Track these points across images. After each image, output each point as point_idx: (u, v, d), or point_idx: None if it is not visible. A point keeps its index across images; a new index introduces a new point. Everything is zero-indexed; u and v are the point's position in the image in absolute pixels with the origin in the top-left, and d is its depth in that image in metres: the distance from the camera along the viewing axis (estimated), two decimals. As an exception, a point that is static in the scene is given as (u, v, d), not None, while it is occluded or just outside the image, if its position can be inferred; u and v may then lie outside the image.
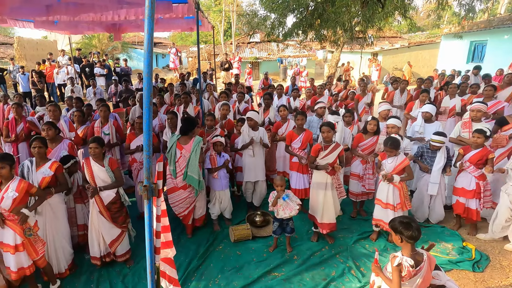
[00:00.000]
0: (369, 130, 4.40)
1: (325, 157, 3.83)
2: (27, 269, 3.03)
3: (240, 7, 29.32)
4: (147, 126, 1.88)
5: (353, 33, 10.44)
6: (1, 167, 2.85)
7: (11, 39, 24.07)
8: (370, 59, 19.92)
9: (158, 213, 2.17)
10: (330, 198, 3.89)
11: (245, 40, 25.56)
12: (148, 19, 1.75)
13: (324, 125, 3.86)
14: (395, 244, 3.82)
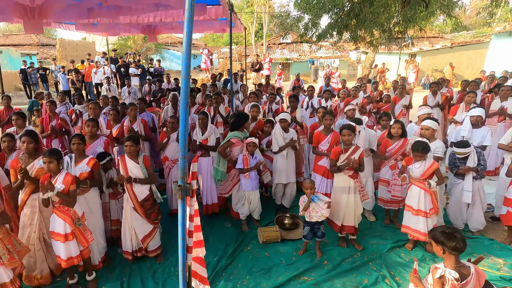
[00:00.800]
0: (393, 134, 4.27)
1: (344, 161, 3.76)
2: (76, 258, 3.20)
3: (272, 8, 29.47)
4: (183, 126, 1.91)
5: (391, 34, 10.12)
6: (50, 161, 3.05)
7: (53, 40, 25.85)
8: (407, 60, 19.20)
9: (191, 213, 2.22)
10: (352, 202, 3.84)
11: (276, 41, 25.63)
12: (187, 22, 1.78)
13: (344, 127, 3.80)
14: (434, 255, 3.69)
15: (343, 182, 3.83)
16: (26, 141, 3.33)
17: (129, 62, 14.07)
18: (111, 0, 4.37)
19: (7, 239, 2.97)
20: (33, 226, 3.35)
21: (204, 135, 4.55)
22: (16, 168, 3.31)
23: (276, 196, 4.80)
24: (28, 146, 3.34)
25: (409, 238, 3.95)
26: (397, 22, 9.60)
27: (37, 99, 8.89)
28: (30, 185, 3.30)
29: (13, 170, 3.33)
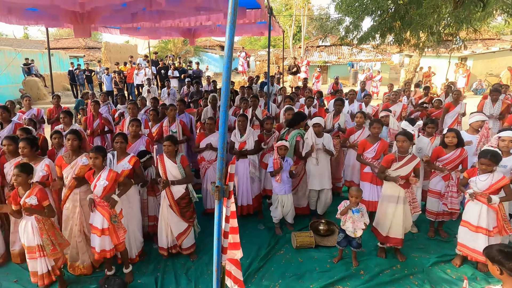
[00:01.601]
0: (448, 144, 4.03)
1: (399, 169, 3.63)
2: (108, 252, 3.42)
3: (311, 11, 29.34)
4: (223, 129, 1.96)
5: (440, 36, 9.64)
6: (96, 157, 3.29)
7: (99, 43, 27.69)
8: (457, 64, 18.16)
9: (227, 214, 2.27)
10: (400, 212, 3.68)
11: (314, 44, 25.47)
12: (229, 25, 1.82)
13: (400, 134, 3.67)
14: (487, 274, 3.47)
15: (392, 190, 3.71)
16: (71, 138, 3.57)
17: (168, 65, 14.71)
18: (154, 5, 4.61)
19: (51, 231, 3.24)
20: (75, 219, 3.61)
21: (243, 137, 4.65)
22: (60, 165, 3.59)
23: (309, 201, 4.78)
24: (72, 143, 3.58)
25: (456, 253, 3.74)
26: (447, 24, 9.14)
27: (83, 99, 9.59)
28: (73, 181, 3.55)
29: (58, 167, 3.62)
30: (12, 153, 3.82)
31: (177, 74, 13.50)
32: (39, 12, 5.45)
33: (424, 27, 8.50)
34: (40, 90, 15.25)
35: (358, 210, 3.59)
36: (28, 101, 6.65)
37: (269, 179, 4.68)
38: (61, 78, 17.45)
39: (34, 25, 7.06)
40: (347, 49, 23.40)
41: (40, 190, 3.16)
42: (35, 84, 15.18)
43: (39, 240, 3.19)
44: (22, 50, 18.02)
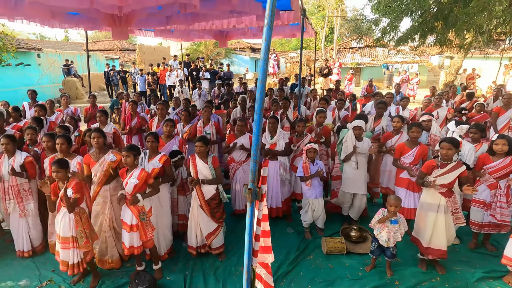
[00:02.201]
0: (496, 151, 3.80)
1: (440, 177, 3.48)
2: (136, 248, 3.54)
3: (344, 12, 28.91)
4: (257, 131, 1.97)
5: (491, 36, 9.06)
6: (127, 155, 3.43)
7: (134, 46, 28.91)
8: (506, 66, 17.10)
9: (259, 217, 2.28)
10: (442, 222, 3.51)
11: (347, 45, 25.07)
12: (267, 27, 1.82)
13: (446, 141, 3.49)
14: None
15: (431, 198, 3.57)
16: (96, 136, 3.73)
17: (200, 67, 15.07)
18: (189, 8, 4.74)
19: (86, 225, 3.42)
20: (105, 215, 3.78)
21: (273, 139, 4.67)
22: (88, 163, 3.77)
23: (342, 205, 4.71)
24: (98, 141, 3.74)
25: (509, 270, 3.50)
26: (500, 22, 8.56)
27: (118, 99, 10.05)
28: (103, 178, 3.72)
29: (86, 165, 3.79)
30: (50, 149, 4.08)
31: (208, 76, 13.80)
32: (79, 16, 5.78)
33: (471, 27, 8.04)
34: (78, 89, 16.17)
35: (397, 220, 3.46)
36: (66, 100, 7.05)
37: (299, 182, 4.67)
38: (98, 79, 18.39)
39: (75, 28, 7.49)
40: (381, 50, 22.80)
41: (76, 184, 3.34)
42: (74, 84, 16.13)
43: (74, 232, 3.37)
44: (63, 52, 19.20)
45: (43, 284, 3.65)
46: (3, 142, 3.85)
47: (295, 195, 4.96)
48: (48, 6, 4.07)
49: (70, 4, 3.86)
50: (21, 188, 3.96)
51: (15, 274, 3.81)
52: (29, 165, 3.97)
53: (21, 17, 5.33)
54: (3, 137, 3.88)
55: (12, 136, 4.03)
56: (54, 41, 32.38)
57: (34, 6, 3.89)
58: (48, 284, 3.65)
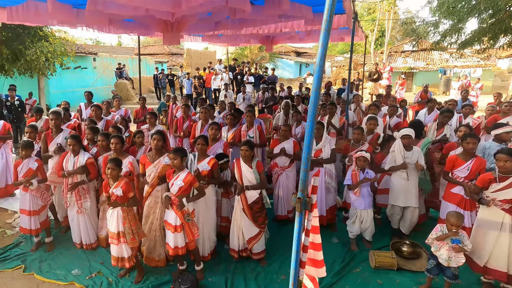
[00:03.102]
0: None
1: (500, 191, 3.23)
2: (181, 249, 3.67)
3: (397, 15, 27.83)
4: (308, 139, 1.95)
5: None
6: (174, 158, 3.58)
7: (181, 50, 30.28)
8: None
9: (308, 227, 2.26)
10: (505, 242, 3.25)
11: (398, 49, 24.10)
12: (324, 33, 1.82)
13: (503, 152, 3.25)
14: None
15: (493, 215, 3.33)
16: (156, 139, 3.94)
17: (245, 71, 15.38)
18: (238, 14, 4.86)
19: (132, 222, 3.62)
20: (155, 215, 3.98)
21: (319, 145, 4.62)
22: (144, 164, 3.99)
23: (391, 218, 4.53)
24: (157, 144, 3.94)
25: None
26: None
27: (165, 101, 10.56)
28: (156, 179, 3.92)
29: (142, 165, 4.02)
30: (105, 148, 4.42)
31: (252, 80, 14.03)
32: (133, 22, 6.22)
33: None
34: (129, 91, 17.28)
35: (459, 240, 3.21)
36: (118, 102, 7.57)
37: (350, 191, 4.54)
38: (147, 81, 19.51)
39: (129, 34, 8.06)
40: (438, 54, 21.57)
41: (126, 183, 3.58)
42: (125, 86, 17.27)
43: (122, 227, 3.59)
44: (116, 56, 20.66)
45: (92, 275, 3.94)
46: (71, 142, 4.21)
47: (346, 205, 4.85)
48: (106, 14, 4.42)
49: (127, 11, 4.17)
50: (80, 186, 4.29)
51: (68, 264, 4.15)
52: (90, 166, 4.30)
53: (81, 25, 5.87)
54: (70, 138, 4.25)
55: (78, 137, 4.40)
56: (108, 46, 34.93)
57: (94, 14, 4.25)
58: (97, 275, 3.93)
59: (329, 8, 1.78)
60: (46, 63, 11.99)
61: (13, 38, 10.73)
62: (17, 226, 5.05)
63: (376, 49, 26.39)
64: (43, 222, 4.46)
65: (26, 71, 11.62)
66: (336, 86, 19.29)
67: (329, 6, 1.77)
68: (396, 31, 32.48)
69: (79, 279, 3.86)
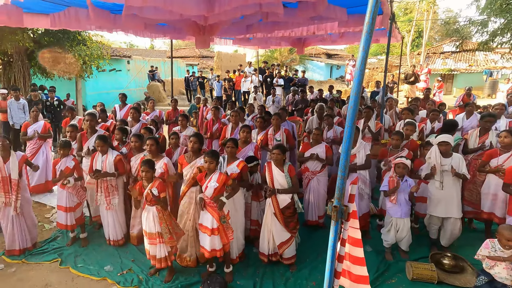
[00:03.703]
0: None
1: None
2: (218, 251, 3.70)
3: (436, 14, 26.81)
4: (347, 145, 1.91)
5: None
6: (211, 162, 3.64)
7: (211, 53, 30.87)
8: None
9: (343, 237, 2.21)
10: None
11: (437, 50, 23.19)
12: (366, 36, 1.77)
13: None
14: None
15: None
16: (193, 141, 4.06)
17: (274, 74, 15.42)
18: (271, 17, 4.88)
19: (169, 221, 3.71)
20: (189, 215, 4.07)
21: (353, 150, 4.50)
22: (181, 164, 4.11)
23: (429, 228, 4.34)
24: (193, 146, 4.06)
25: None
26: None
27: (196, 103, 10.80)
28: (191, 180, 4.02)
29: (180, 164, 4.15)
30: (137, 149, 4.58)
31: (282, 82, 14.03)
32: (167, 26, 6.44)
33: None
34: (161, 93, 17.84)
35: None
36: (152, 104, 7.84)
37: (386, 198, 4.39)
38: (178, 84, 20.04)
39: (162, 37, 8.35)
40: (483, 54, 20.54)
41: (160, 183, 3.70)
42: (157, 88, 17.85)
43: (159, 228, 3.70)
44: (149, 59, 21.40)
45: (124, 272, 4.08)
46: (98, 144, 4.44)
47: (382, 212, 4.70)
48: (142, 18, 4.61)
49: (161, 16, 4.32)
50: (109, 183, 4.50)
51: (101, 260, 4.34)
52: (119, 163, 4.51)
53: (118, 29, 6.16)
54: (98, 139, 4.46)
55: (106, 137, 4.61)
56: (142, 49, 36.27)
57: (130, 19, 4.45)
58: (128, 272, 4.07)
59: (371, 10, 1.73)
60: (84, 66, 12.66)
61: (54, 42, 11.43)
62: (55, 221, 5.34)
63: (413, 51, 25.56)
64: (78, 219, 4.70)
65: (65, 73, 12.32)
66: (369, 88, 18.86)
67: (371, 8, 1.73)
68: (435, 32, 31.30)
69: (111, 275, 4.02)
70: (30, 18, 4.91)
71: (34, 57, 11.63)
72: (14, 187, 4.26)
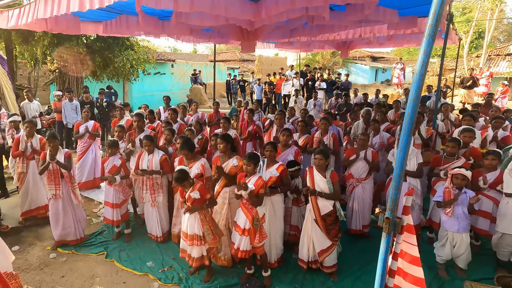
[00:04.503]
0: None
1: None
2: (246, 252, 3.74)
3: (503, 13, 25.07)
4: (402, 154, 1.84)
5: None
6: (248, 164, 3.73)
7: (252, 56, 31.31)
8: None
9: (396, 250, 2.14)
10: None
11: (501, 52, 21.60)
12: (428, 39, 1.70)
13: None
14: None
15: None
16: (219, 142, 4.18)
17: (316, 77, 15.31)
18: (317, 20, 4.87)
19: (211, 223, 3.81)
20: (222, 215, 4.17)
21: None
22: (216, 164, 4.20)
23: (499, 249, 3.95)
24: (220, 147, 4.18)
25: None
26: None
27: (237, 106, 11.03)
28: (224, 180, 4.13)
29: (214, 165, 4.24)
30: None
31: (324, 86, 13.89)
32: (211, 31, 6.67)
33: None
34: (202, 96, 18.43)
35: None
36: (195, 106, 8.12)
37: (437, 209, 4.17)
38: (219, 87, 20.59)
39: (207, 42, 8.65)
40: None
41: (202, 185, 3.79)
42: (199, 91, 18.47)
43: (200, 230, 3.79)
44: (192, 63, 22.18)
45: (165, 269, 4.25)
46: (145, 144, 4.71)
47: (432, 223, 4.49)
48: (188, 24, 4.82)
49: (208, 22, 4.50)
50: (155, 181, 4.75)
51: (144, 255, 4.56)
52: (164, 163, 4.74)
53: (164, 35, 6.49)
54: (145, 139, 4.73)
55: (152, 137, 4.87)
56: (185, 53, 37.66)
57: (178, 25, 4.67)
58: (169, 269, 4.24)
59: (436, 11, 1.65)
60: (131, 70, 13.47)
61: (105, 47, 12.29)
62: (101, 215, 5.71)
63: (470, 53, 24.10)
64: (124, 215, 4.99)
65: (113, 76, 13.19)
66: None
67: (436, 9, 1.65)
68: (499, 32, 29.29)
69: (152, 271, 4.21)
70: (85, 26, 5.34)
71: (87, 61, 12.57)
72: (67, 179, 4.63)
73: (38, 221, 5.49)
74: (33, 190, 5.45)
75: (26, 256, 4.60)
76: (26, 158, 5.41)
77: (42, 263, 4.46)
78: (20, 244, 4.90)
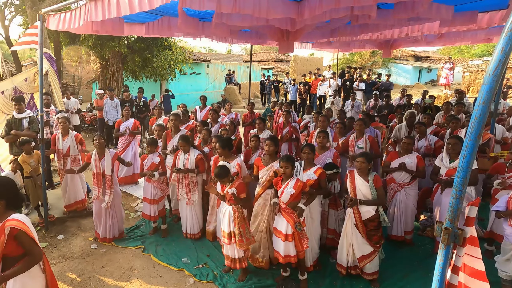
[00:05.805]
0: None
1: None
2: (293, 257, 3.71)
3: None
4: (467, 161, 1.76)
5: None
6: (286, 166, 3.70)
7: (287, 57, 31.24)
8: None
9: (456, 264, 2.03)
10: None
11: None
12: (509, 35, 1.58)
13: None
14: None
15: None
16: (268, 144, 4.19)
17: (355, 77, 15.01)
18: (362, 19, 4.74)
19: (241, 224, 3.79)
20: (263, 216, 4.18)
21: (453, 163, 4.14)
22: (258, 166, 4.25)
23: None
24: (269, 149, 4.20)
25: None
26: None
27: (271, 107, 11.03)
28: (266, 182, 4.13)
29: (256, 166, 4.29)
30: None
31: (363, 87, 13.57)
32: (249, 32, 6.71)
33: None
34: (236, 96, 18.66)
35: None
36: (230, 106, 8.24)
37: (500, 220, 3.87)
38: (253, 87, 20.71)
39: (244, 43, 8.72)
40: None
41: (239, 184, 3.81)
42: (233, 91, 18.72)
43: (233, 228, 3.84)
44: (227, 63, 22.52)
45: (199, 265, 4.34)
46: (180, 144, 4.84)
47: (494, 235, 4.23)
48: (228, 26, 4.86)
49: (248, 23, 4.51)
50: (190, 180, 4.86)
51: (179, 251, 4.69)
52: (200, 162, 4.85)
53: (203, 36, 6.62)
54: (180, 139, 4.86)
55: (188, 137, 4.99)
56: (220, 54, 38.27)
57: (218, 26, 4.74)
58: (204, 266, 4.33)
59: None
60: (168, 69, 13.91)
61: (144, 48, 12.79)
62: (139, 210, 5.94)
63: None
64: (161, 211, 5.16)
65: (152, 76, 13.68)
66: (469, 94, 17.17)
67: None
68: None
69: (188, 267, 4.32)
70: (129, 27, 5.55)
71: (127, 61, 13.14)
72: (108, 182, 4.81)
73: (80, 213, 5.82)
74: (70, 185, 5.76)
75: (70, 245, 4.89)
76: (63, 156, 5.74)
77: (84, 252, 4.73)
78: (65, 233, 5.22)
